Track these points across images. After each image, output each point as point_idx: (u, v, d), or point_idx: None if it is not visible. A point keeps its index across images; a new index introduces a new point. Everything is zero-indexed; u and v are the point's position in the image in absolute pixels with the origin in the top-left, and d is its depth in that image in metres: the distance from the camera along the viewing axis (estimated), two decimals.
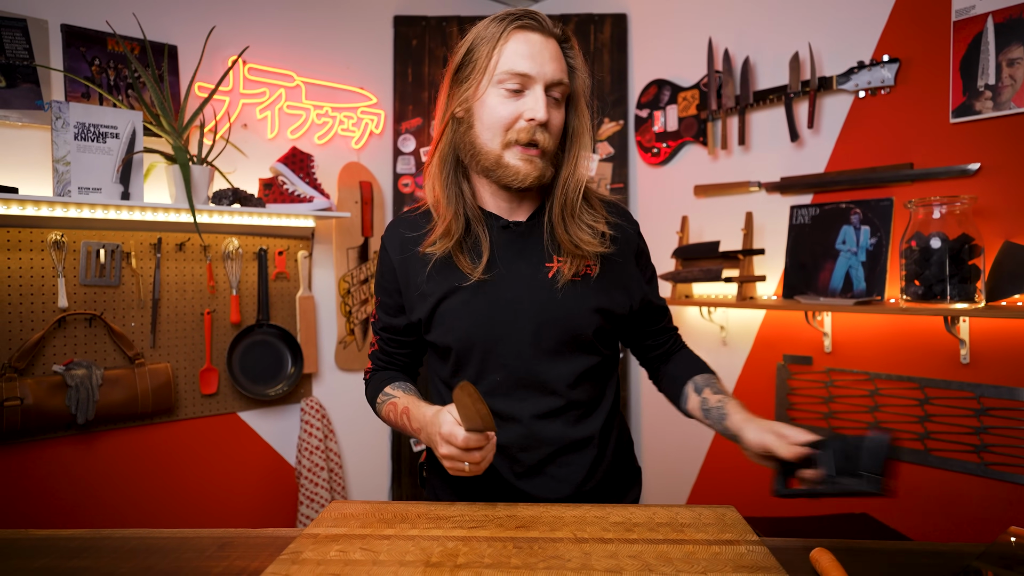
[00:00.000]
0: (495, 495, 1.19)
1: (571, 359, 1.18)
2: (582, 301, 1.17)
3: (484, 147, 1.12)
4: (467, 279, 1.15)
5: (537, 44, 1.10)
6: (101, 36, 2.27)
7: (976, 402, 1.94)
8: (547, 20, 1.13)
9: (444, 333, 1.19)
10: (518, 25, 1.10)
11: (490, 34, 1.11)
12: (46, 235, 2.16)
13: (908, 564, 0.92)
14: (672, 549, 0.89)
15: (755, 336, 2.54)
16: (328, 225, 2.90)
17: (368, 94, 2.99)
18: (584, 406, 1.21)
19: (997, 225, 1.91)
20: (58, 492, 2.20)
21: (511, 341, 1.16)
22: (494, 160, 1.12)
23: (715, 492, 2.66)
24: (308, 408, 2.77)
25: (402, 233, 1.23)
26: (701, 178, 2.73)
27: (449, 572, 0.83)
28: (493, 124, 1.10)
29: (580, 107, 1.18)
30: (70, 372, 2.15)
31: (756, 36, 2.52)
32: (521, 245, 1.18)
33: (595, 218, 1.19)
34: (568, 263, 1.16)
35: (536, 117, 1.08)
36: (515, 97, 1.09)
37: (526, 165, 1.10)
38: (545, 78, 1.09)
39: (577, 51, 1.17)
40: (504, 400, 1.17)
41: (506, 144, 1.10)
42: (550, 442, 1.17)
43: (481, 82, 1.10)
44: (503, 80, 1.09)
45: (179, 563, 0.96)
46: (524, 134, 1.09)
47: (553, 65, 1.10)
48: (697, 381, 1.23)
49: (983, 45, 1.92)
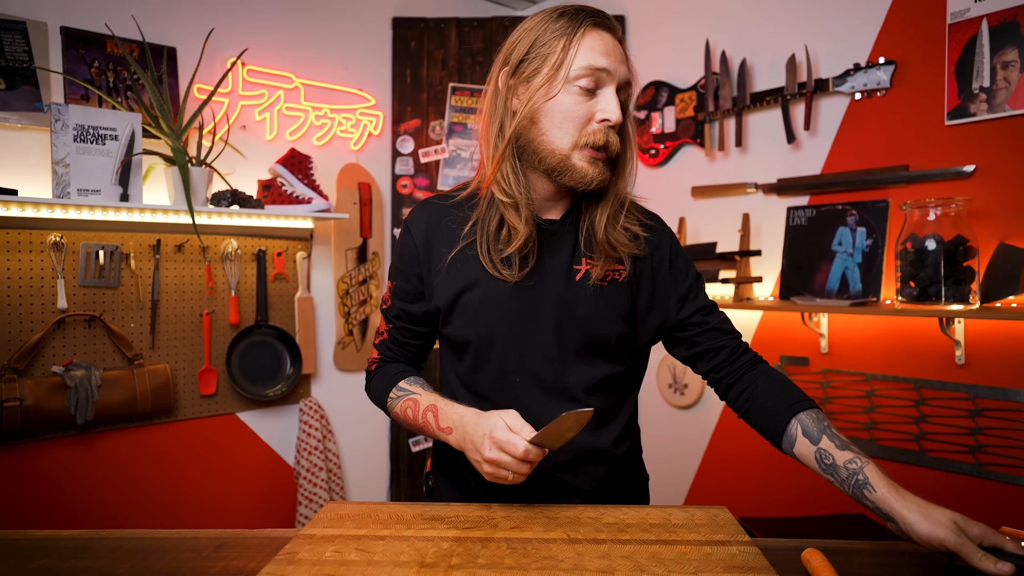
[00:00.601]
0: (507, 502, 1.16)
1: (592, 364, 1.16)
2: (608, 305, 1.15)
3: (550, 146, 1.08)
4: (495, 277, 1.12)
5: (611, 43, 1.07)
6: (100, 38, 2.28)
7: (971, 403, 1.95)
8: (612, 19, 1.10)
9: (465, 326, 1.16)
10: (594, 23, 1.07)
11: (561, 29, 1.06)
12: (45, 236, 2.17)
13: (897, 563, 0.93)
14: (664, 550, 0.90)
15: (752, 337, 2.55)
16: (327, 226, 2.91)
17: (367, 95, 3.00)
18: (602, 415, 1.18)
19: (992, 227, 1.92)
20: (57, 493, 2.21)
21: (534, 340, 1.14)
22: (560, 160, 1.08)
23: (713, 493, 2.67)
24: (307, 409, 2.78)
25: (432, 216, 1.19)
26: (698, 179, 2.74)
27: (443, 572, 0.84)
28: (565, 123, 1.06)
29: (630, 114, 1.16)
30: (69, 373, 2.16)
31: (753, 38, 2.53)
32: (553, 244, 1.16)
33: (630, 221, 1.16)
34: (598, 266, 1.13)
35: (611, 118, 1.05)
36: (588, 97, 1.06)
37: (592, 168, 1.07)
38: (620, 78, 1.07)
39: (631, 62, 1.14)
40: (522, 401, 1.14)
41: (576, 145, 1.07)
42: (566, 449, 1.11)
43: (554, 79, 1.06)
44: (579, 77, 1.05)
45: (177, 563, 0.97)
46: (598, 136, 1.06)
47: (625, 66, 1.08)
48: (804, 423, 1.06)
49: (978, 48, 1.93)
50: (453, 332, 1.18)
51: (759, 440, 1.18)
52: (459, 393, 1.21)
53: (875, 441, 2.16)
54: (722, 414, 2.66)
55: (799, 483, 2.38)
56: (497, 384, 1.16)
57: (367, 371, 1.31)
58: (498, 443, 0.96)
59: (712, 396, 2.69)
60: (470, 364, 1.18)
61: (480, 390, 1.18)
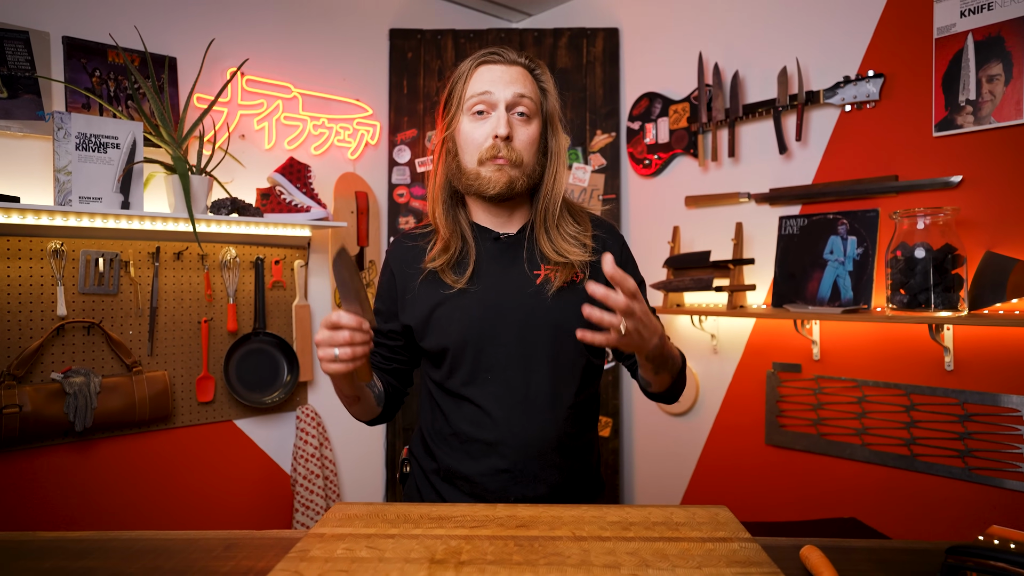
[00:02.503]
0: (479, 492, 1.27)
1: (557, 359, 1.28)
2: (567, 306, 1.27)
3: (466, 167, 1.27)
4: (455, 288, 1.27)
5: (498, 72, 1.25)
6: (102, 48, 2.30)
7: (960, 408, 1.99)
8: (511, 52, 1.28)
9: (440, 337, 1.29)
10: (481, 60, 1.27)
11: (461, 72, 1.28)
12: (46, 244, 2.18)
13: (893, 561, 0.96)
14: (668, 546, 0.92)
15: (745, 344, 2.59)
16: (324, 235, 2.93)
17: (364, 105, 3.03)
18: (570, 408, 1.29)
19: (979, 236, 1.97)
20: (56, 498, 2.21)
21: (499, 342, 1.27)
22: (473, 176, 1.25)
23: (707, 499, 2.70)
24: (304, 416, 2.79)
25: (404, 247, 1.37)
26: (692, 189, 2.78)
27: (453, 569, 0.86)
28: (468, 145, 1.26)
29: (555, 127, 1.32)
30: (68, 380, 2.16)
31: (745, 51, 2.58)
32: (512, 255, 1.30)
33: (579, 230, 1.31)
34: (557, 271, 1.27)
35: (499, 132, 1.22)
36: (483, 119, 1.25)
37: (496, 173, 1.24)
38: (506, 98, 1.24)
39: (548, 76, 1.32)
40: (494, 400, 1.27)
41: (480, 161, 1.24)
42: (536, 443, 1.26)
43: (457, 113, 1.27)
44: (471, 105, 1.25)
45: (187, 563, 0.98)
46: (492, 150, 1.23)
47: (514, 86, 1.24)
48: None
49: (964, 62, 1.98)
50: (431, 344, 1.30)
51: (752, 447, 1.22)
52: (436, 394, 1.35)
53: (866, 446, 2.19)
54: (715, 422, 2.69)
55: (792, 488, 2.41)
56: (470, 382, 1.29)
57: None
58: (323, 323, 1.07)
59: (706, 403, 2.72)
60: (447, 369, 1.30)
61: (455, 389, 1.31)
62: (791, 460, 2.42)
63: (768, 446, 2.48)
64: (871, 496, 2.19)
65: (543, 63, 1.32)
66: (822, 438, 2.31)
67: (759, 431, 2.52)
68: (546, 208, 1.29)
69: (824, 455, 2.32)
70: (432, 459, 1.35)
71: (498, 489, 1.26)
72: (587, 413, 1.34)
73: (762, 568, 0.85)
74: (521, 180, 1.26)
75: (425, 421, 1.39)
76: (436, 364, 1.33)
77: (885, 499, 2.16)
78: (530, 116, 1.26)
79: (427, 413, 1.39)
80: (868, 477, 2.20)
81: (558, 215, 1.29)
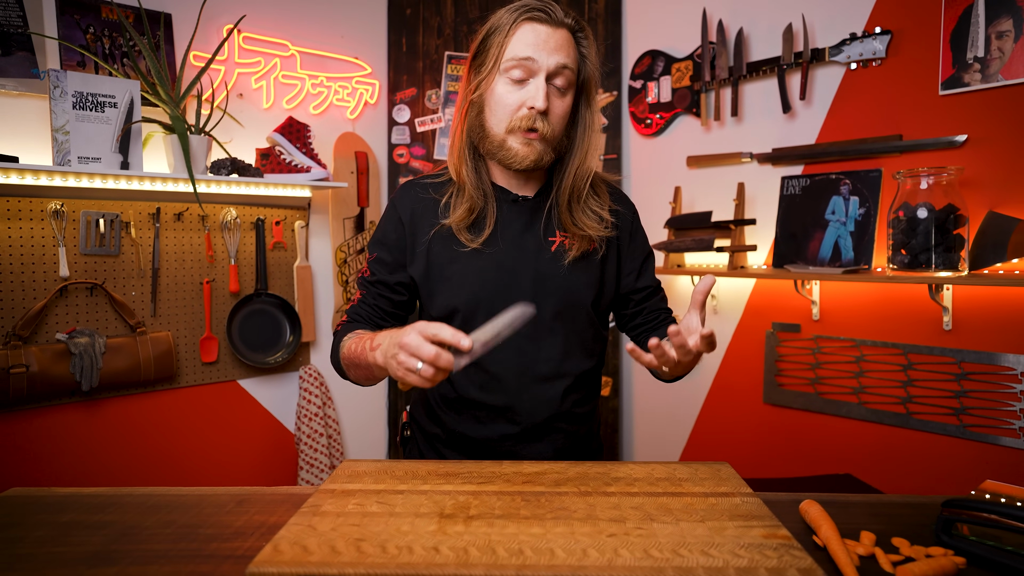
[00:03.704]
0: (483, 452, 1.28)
1: (568, 328, 1.26)
2: (582, 274, 1.26)
3: (491, 131, 1.20)
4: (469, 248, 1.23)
5: (543, 34, 1.16)
6: (95, 3, 2.26)
7: (957, 367, 2.01)
8: (558, 11, 1.18)
9: (450, 296, 1.24)
10: (527, 16, 1.16)
11: (502, 23, 1.17)
12: (46, 204, 2.17)
13: (890, 514, 0.98)
14: (672, 501, 0.95)
15: (745, 304, 2.60)
16: (324, 195, 2.92)
17: (363, 64, 2.99)
18: (577, 376, 1.29)
19: (982, 196, 1.97)
20: (63, 457, 2.24)
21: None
22: (499, 143, 1.20)
23: (706, 456, 2.74)
24: (306, 376, 2.82)
25: (416, 195, 1.29)
26: (694, 149, 2.76)
27: (463, 523, 0.88)
28: (499, 110, 1.18)
29: (591, 98, 1.25)
30: (73, 340, 2.17)
31: (750, 7, 2.54)
32: (528, 219, 1.27)
33: (600, 204, 1.28)
34: (573, 241, 1.25)
35: (536, 106, 1.15)
36: (519, 86, 1.17)
37: (524, 148, 1.18)
38: (548, 67, 1.15)
39: (591, 40, 1.23)
40: (503, 365, 1.25)
41: (510, 130, 1.18)
42: (545, 409, 1.26)
43: (492, 70, 1.18)
44: (509, 68, 1.16)
45: (201, 517, 1.01)
46: (525, 121, 1.16)
47: (558, 54, 1.16)
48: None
49: (973, 18, 1.95)
50: (440, 303, 1.26)
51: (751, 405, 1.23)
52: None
53: (863, 404, 2.22)
54: (714, 381, 2.72)
55: (789, 446, 2.45)
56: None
57: (334, 333, 1.35)
58: (418, 329, 0.95)
59: (705, 363, 2.74)
60: None
61: None
62: (789, 418, 2.45)
63: (766, 404, 2.51)
64: (867, 453, 2.23)
65: (587, 25, 1.22)
66: (820, 397, 2.35)
67: (757, 390, 2.55)
68: (574, 186, 1.24)
69: (821, 413, 2.35)
70: (436, 424, 1.34)
71: (505, 454, 1.27)
72: (593, 381, 1.35)
73: (763, 522, 0.87)
74: (548, 155, 1.21)
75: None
76: None
77: (881, 456, 2.20)
78: (567, 88, 1.19)
79: None
80: (864, 434, 2.24)
81: (585, 193, 1.25)
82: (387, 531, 0.85)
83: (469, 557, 0.78)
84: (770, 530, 0.85)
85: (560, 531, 0.85)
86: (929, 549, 0.85)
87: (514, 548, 0.80)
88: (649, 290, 1.36)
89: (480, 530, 0.85)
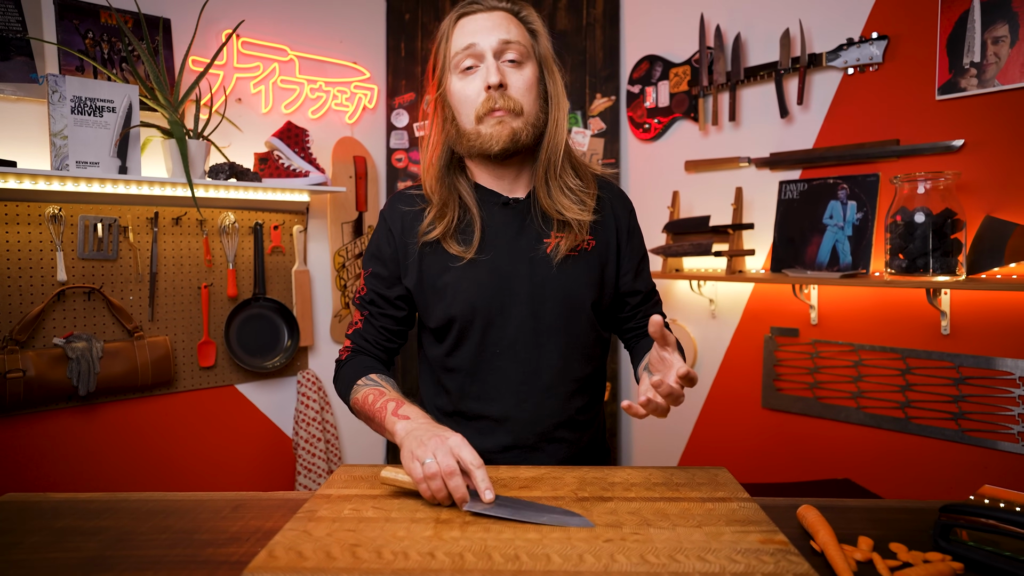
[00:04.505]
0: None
1: (568, 333, 1.23)
2: (579, 274, 1.23)
3: (464, 128, 1.19)
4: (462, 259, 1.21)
5: (479, 20, 1.18)
6: (94, 8, 2.26)
7: (955, 371, 2.01)
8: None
9: (445, 308, 1.22)
10: (460, 14, 1.21)
11: (443, 31, 1.21)
12: (44, 209, 2.17)
13: (888, 519, 0.98)
14: (668, 506, 0.94)
15: (744, 309, 2.60)
16: (323, 200, 2.92)
17: (361, 68, 2.99)
18: (579, 382, 1.26)
19: (979, 200, 1.97)
20: (60, 462, 2.23)
21: (510, 313, 1.21)
22: (474, 134, 1.18)
23: (704, 458, 2.74)
24: (304, 380, 2.82)
25: (404, 206, 1.28)
26: (692, 153, 2.77)
27: (459, 528, 0.88)
28: (462, 104, 1.19)
29: (551, 69, 1.24)
30: (71, 345, 2.17)
31: (747, 13, 2.55)
32: (521, 222, 1.23)
33: (580, 186, 1.24)
34: (565, 238, 1.21)
35: (490, 81, 1.15)
36: (471, 73, 1.18)
37: (496, 127, 1.16)
38: (492, 46, 1.16)
39: (536, 16, 1.24)
40: (502, 376, 1.23)
41: (478, 118, 1.17)
42: (546, 419, 1.24)
43: (445, 74, 1.21)
44: (458, 63, 1.18)
45: (196, 522, 1.00)
46: (488, 103, 1.16)
47: (497, 31, 1.17)
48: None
49: (969, 23, 1.95)
50: (436, 315, 1.24)
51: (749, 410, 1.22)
52: (439, 371, 1.28)
53: (862, 409, 2.22)
54: (713, 385, 2.71)
55: (787, 450, 2.45)
56: (477, 357, 1.23)
57: (337, 361, 1.33)
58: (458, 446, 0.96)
59: (703, 366, 2.74)
60: (451, 343, 1.24)
61: (459, 365, 1.25)
62: (787, 423, 2.45)
63: (765, 409, 2.51)
64: (866, 458, 2.23)
65: (528, 4, 1.23)
66: (818, 401, 2.34)
67: (756, 394, 2.55)
68: (548, 159, 1.21)
69: (820, 418, 2.35)
70: None
71: (506, 464, 1.23)
72: (596, 386, 1.32)
73: (760, 527, 0.87)
74: (525, 131, 1.18)
75: (427, 397, 1.34)
76: (439, 339, 1.27)
77: (879, 461, 2.20)
78: (521, 61, 1.18)
79: (429, 389, 1.33)
80: (863, 439, 2.23)
81: (560, 167, 1.21)
82: (383, 536, 0.85)
83: (465, 563, 0.78)
84: (767, 535, 0.84)
85: (556, 536, 0.85)
86: (927, 554, 0.85)
87: (510, 553, 0.80)
88: (644, 293, 1.35)
89: (476, 535, 0.85)
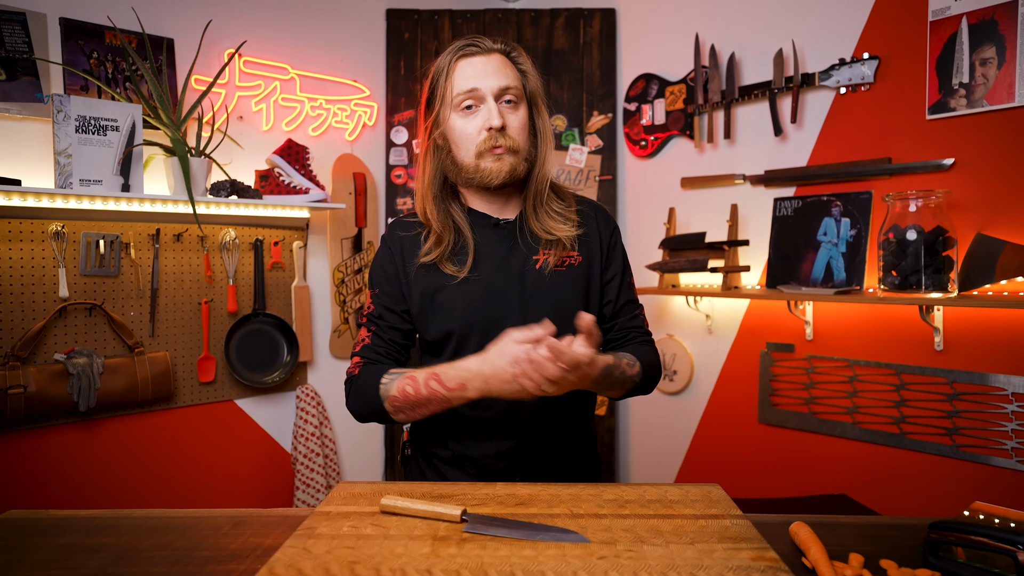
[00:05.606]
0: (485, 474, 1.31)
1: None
2: (567, 287, 1.31)
3: (463, 162, 1.28)
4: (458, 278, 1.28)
5: (479, 64, 1.26)
6: (99, 29, 2.29)
7: (949, 387, 2.03)
8: (487, 41, 1.29)
9: (443, 322, 1.29)
10: (460, 54, 1.27)
11: (441, 67, 1.28)
12: (47, 226, 2.20)
13: (878, 536, 1.00)
14: (662, 523, 0.96)
15: (739, 324, 2.62)
16: (323, 216, 2.94)
17: (361, 87, 3.03)
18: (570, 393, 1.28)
19: (970, 218, 2.00)
20: (61, 478, 2.24)
21: (505, 324, 1.24)
22: (473, 169, 1.27)
23: (700, 476, 2.75)
24: (303, 395, 2.83)
25: (401, 230, 1.37)
26: (688, 170, 2.80)
27: (456, 545, 0.89)
28: (463, 141, 1.27)
29: (539, 107, 1.34)
30: (71, 360, 2.19)
31: (741, 33, 2.59)
32: (511, 241, 1.32)
33: (563, 206, 1.33)
34: (553, 254, 1.30)
35: (493, 124, 1.24)
36: (472, 113, 1.26)
37: (496, 163, 1.25)
38: (492, 90, 1.25)
39: (525, 57, 1.33)
40: None
41: (478, 154, 1.26)
42: (541, 425, 1.30)
43: (443, 109, 1.28)
44: (460, 103, 1.26)
45: (197, 540, 1.01)
46: (488, 142, 1.25)
47: (498, 75, 1.26)
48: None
49: (958, 45, 1.99)
50: (434, 330, 1.31)
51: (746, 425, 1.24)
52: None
53: (857, 424, 2.24)
54: (710, 400, 2.73)
55: (784, 465, 2.46)
56: None
57: (348, 379, 1.36)
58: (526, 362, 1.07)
59: (700, 383, 2.76)
60: (449, 356, 1.30)
61: None
62: (783, 438, 2.46)
63: (761, 424, 2.53)
64: (861, 473, 2.24)
65: (516, 44, 1.33)
66: (814, 416, 2.36)
67: (752, 410, 2.56)
68: (536, 189, 1.31)
69: (815, 433, 2.36)
70: (438, 444, 1.37)
71: (503, 470, 1.30)
72: (587, 395, 1.37)
73: (752, 544, 0.89)
74: (521, 165, 1.28)
75: None
76: (436, 352, 1.34)
77: (875, 476, 2.21)
78: (517, 102, 1.28)
79: None
80: (858, 454, 2.25)
81: (546, 195, 1.32)
82: (381, 554, 0.87)
83: None
84: (759, 552, 0.86)
85: (552, 553, 0.86)
86: (917, 571, 0.86)
87: (506, 571, 0.81)
88: (621, 305, 1.38)
89: (473, 552, 0.87)
